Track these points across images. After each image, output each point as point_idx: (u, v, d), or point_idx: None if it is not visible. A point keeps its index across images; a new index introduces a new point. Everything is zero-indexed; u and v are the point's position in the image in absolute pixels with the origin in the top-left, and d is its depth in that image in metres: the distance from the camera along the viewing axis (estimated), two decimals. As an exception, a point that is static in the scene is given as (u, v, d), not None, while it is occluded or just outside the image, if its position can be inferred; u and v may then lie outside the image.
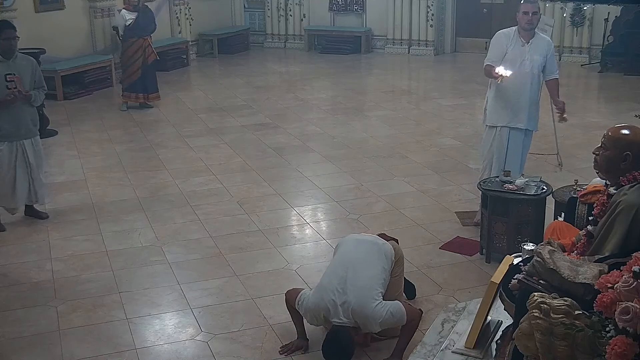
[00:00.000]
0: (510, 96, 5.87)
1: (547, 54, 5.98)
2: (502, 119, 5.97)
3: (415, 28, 14.85)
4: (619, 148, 3.21)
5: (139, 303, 4.90)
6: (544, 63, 5.98)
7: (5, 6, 10.33)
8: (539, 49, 5.94)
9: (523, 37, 5.92)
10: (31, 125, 6.26)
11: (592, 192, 4.33)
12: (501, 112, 5.92)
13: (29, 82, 6.16)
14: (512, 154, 5.99)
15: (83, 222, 6.34)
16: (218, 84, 12.48)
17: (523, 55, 5.91)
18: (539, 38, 5.98)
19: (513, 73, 5.73)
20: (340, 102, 10.97)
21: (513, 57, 5.91)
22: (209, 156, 8.20)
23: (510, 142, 5.99)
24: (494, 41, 6.06)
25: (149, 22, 10.32)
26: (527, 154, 6.27)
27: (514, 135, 5.99)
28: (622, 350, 2.43)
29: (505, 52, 5.92)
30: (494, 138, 6.04)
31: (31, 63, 6.25)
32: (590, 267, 2.90)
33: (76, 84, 11.42)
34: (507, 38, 5.98)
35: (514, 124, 5.96)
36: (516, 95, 5.90)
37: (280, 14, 15.97)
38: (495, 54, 5.96)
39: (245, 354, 4.30)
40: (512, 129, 5.98)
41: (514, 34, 5.96)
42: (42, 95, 6.49)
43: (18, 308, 4.86)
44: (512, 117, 5.95)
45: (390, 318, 4.00)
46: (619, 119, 8.85)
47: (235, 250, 5.70)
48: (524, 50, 5.91)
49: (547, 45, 5.99)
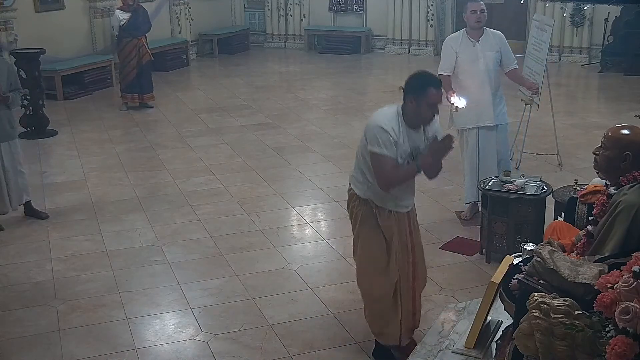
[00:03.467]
0: (472, 97, 5.90)
1: (501, 47, 6.03)
2: (470, 121, 6.03)
3: (415, 28, 14.85)
4: (619, 148, 3.21)
5: (139, 303, 4.90)
6: (499, 57, 6.02)
7: (5, 6, 10.33)
8: (490, 44, 6.01)
9: (472, 36, 6.00)
10: (8, 128, 6.11)
11: (592, 192, 4.33)
12: (467, 114, 5.94)
13: (5, 84, 6.02)
14: (486, 152, 6.05)
15: (83, 222, 6.34)
16: (218, 84, 12.48)
17: (476, 54, 5.97)
18: (488, 34, 6.05)
19: (466, 101, 5.70)
20: (340, 102, 10.97)
21: (466, 59, 5.99)
22: (209, 156, 8.20)
23: (481, 141, 6.04)
24: (443, 48, 6.16)
25: (143, 22, 10.29)
26: (509, 148, 6.28)
27: (483, 135, 6.05)
28: (622, 350, 2.43)
29: (456, 57, 5.97)
30: (466, 141, 6.10)
31: (6, 65, 6.18)
32: (590, 267, 2.90)
33: (76, 84, 11.42)
34: (455, 42, 6.06)
35: (482, 123, 6.02)
36: (477, 95, 5.95)
37: (280, 14, 15.96)
38: (446, 62, 6.06)
39: (245, 354, 4.30)
40: (480, 128, 6.02)
41: (462, 36, 6.06)
42: (19, 98, 6.38)
43: (18, 308, 4.86)
44: (479, 116, 6.00)
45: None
46: (619, 119, 8.85)
47: (235, 250, 5.70)
48: (476, 49, 5.97)
49: (497, 39, 6.06)
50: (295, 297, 4.92)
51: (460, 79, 6.03)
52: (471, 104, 5.86)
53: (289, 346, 4.35)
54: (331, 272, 5.30)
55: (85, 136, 9.13)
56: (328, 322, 4.62)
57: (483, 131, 6.06)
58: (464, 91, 5.88)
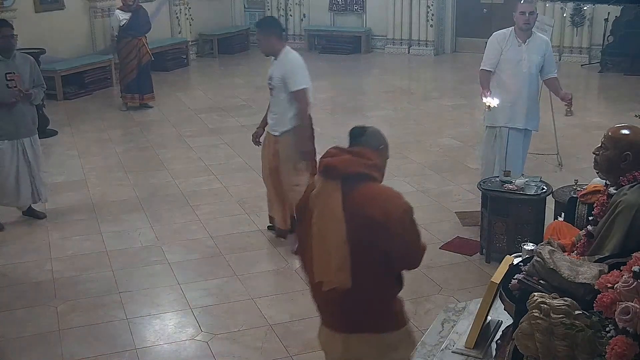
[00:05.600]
0: (508, 97, 5.87)
1: (545, 53, 5.98)
2: (501, 119, 5.97)
3: (415, 28, 14.84)
4: (619, 148, 3.20)
5: (139, 303, 4.90)
6: (542, 63, 5.98)
7: (5, 6, 10.34)
8: (537, 48, 5.93)
9: (520, 37, 5.92)
10: (31, 124, 6.27)
11: (592, 192, 4.33)
12: (500, 112, 5.91)
13: (28, 81, 6.15)
14: (513, 153, 5.99)
15: (83, 222, 6.34)
16: (218, 84, 12.48)
17: (520, 56, 5.90)
18: (536, 37, 5.98)
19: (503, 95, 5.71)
20: (340, 102, 10.97)
21: (510, 58, 5.91)
22: (209, 156, 8.20)
23: (510, 141, 5.99)
24: (489, 44, 6.06)
25: (143, 23, 10.29)
26: (526, 154, 6.27)
27: (513, 135, 5.99)
28: (622, 350, 2.42)
29: (501, 53, 5.92)
30: (495, 139, 6.05)
31: (29, 61, 6.25)
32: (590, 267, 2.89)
33: (76, 84, 11.42)
34: (503, 39, 5.98)
35: (512, 124, 5.97)
36: (514, 95, 5.91)
37: (280, 14, 15.95)
38: (490, 58, 5.98)
39: (245, 354, 4.30)
40: (511, 128, 5.98)
41: (510, 35, 5.96)
42: (42, 94, 6.50)
43: (18, 308, 4.86)
44: (511, 117, 5.95)
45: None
46: (619, 119, 8.84)
47: (235, 250, 5.70)
48: (521, 50, 5.90)
49: (544, 45, 5.99)
50: (295, 297, 4.92)
51: (501, 77, 5.97)
52: (507, 104, 5.84)
53: (289, 346, 4.35)
54: (331, 272, 5.29)
55: (85, 136, 9.13)
56: (328, 322, 4.61)
57: (513, 132, 6.00)
58: (502, 90, 5.85)
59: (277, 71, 5.64)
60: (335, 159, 2.90)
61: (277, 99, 5.67)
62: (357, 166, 2.88)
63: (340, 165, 2.87)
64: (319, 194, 2.90)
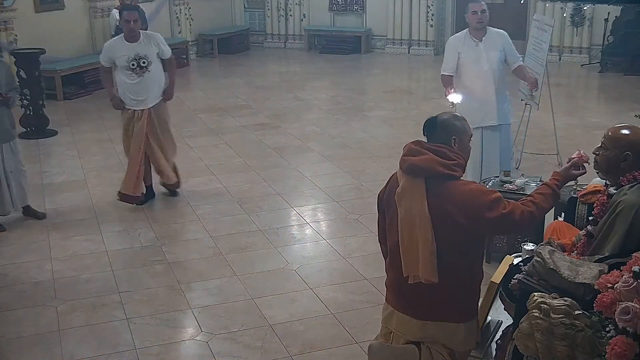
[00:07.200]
0: (476, 97, 5.89)
1: (504, 46, 6.02)
2: (474, 121, 5.99)
3: (415, 28, 14.85)
4: (619, 148, 3.21)
5: (139, 303, 4.90)
6: (503, 56, 6.01)
7: (5, 6, 10.33)
8: (493, 44, 6.00)
9: (475, 36, 5.99)
10: (10, 128, 6.07)
11: (592, 192, 4.33)
12: (471, 114, 5.93)
13: (4, 85, 5.97)
14: (489, 152, 6.05)
15: (83, 222, 6.34)
16: (218, 84, 12.48)
17: (479, 54, 5.96)
18: (491, 33, 6.04)
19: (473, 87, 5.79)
20: (340, 102, 10.97)
21: (469, 59, 5.98)
22: (209, 156, 8.20)
23: (485, 141, 6.03)
24: (446, 48, 6.16)
25: (141, 22, 10.26)
26: (512, 147, 6.27)
27: (487, 135, 6.04)
28: (622, 350, 2.43)
29: (458, 57, 5.96)
30: (481, 139, 6.09)
31: (5, 66, 6.17)
32: (590, 267, 2.89)
33: (76, 84, 11.42)
34: (458, 42, 6.06)
35: (485, 123, 6.01)
36: (481, 95, 5.94)
37: (280, 14, 15.97)
38: (449, 61, 6.05)
39: (245, 354, 4.30)
40: (484, 128, 6.01)
41: (464, 36, 6.03)
42: (17, 96, 6.37)
43: (18, 308, 4.86)
44: (483, 116, 5.99)
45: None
46: (619, 119, 8.84)
47: (235, 250, 5.70)
48: (479, 49, 5.96)
49: (501, 38, 6.05)
50: (295, 297, 4.92)
51: (463, 79, 6.02)
52: (475, 105, 5.85)
53: (289, 346, 4.35)
54: (331, 272, 5.30)
55: (85, 136, 9.13)
56: (328, 322, 4.61)
57: (487, 131, 6.03)
58: (467, 91, 5.87)
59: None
60: (419, 159, 3.02)
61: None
62: (441, 167, 3.00)
63: (425, 166, 2.99)
64: (404, 192, 3.04)
